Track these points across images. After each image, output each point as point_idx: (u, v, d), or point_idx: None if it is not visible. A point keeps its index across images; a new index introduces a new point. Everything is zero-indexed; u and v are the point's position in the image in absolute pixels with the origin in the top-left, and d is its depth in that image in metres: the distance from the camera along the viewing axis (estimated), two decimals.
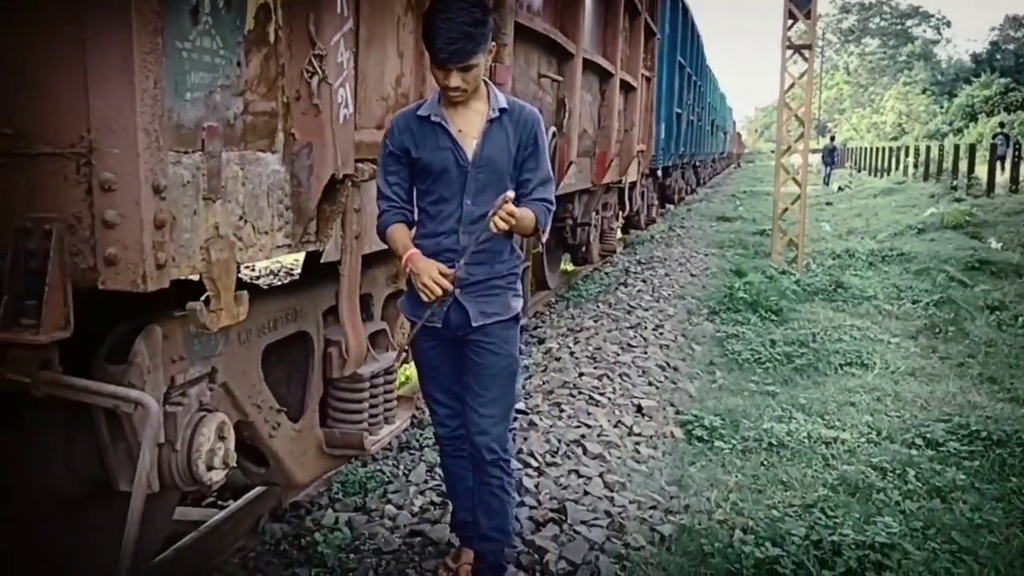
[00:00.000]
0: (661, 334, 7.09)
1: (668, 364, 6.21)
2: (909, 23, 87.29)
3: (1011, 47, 70.68)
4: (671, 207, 18.90)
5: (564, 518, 3.59)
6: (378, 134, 2.97)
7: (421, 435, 4.46)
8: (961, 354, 6.92)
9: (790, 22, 10.71)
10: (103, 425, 2.32)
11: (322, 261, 2.94)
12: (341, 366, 3.14)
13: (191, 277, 2.16)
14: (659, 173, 13.88)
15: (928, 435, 4.79)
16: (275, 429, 2.88)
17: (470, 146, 2.73)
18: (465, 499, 3.14)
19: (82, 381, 2.03)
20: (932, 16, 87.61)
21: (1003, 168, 22.78)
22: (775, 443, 4.64)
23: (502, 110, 2.76)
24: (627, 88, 8.55)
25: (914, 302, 8.64)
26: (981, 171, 22.33)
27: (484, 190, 2.73)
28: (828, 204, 23.03)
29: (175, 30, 2.01)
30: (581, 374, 5.60)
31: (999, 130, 29.32)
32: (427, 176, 2.76)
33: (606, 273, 10.21)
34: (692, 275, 10.32)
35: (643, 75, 9.45)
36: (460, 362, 2.96)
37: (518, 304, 2.92)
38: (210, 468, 2.44)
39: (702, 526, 3.65)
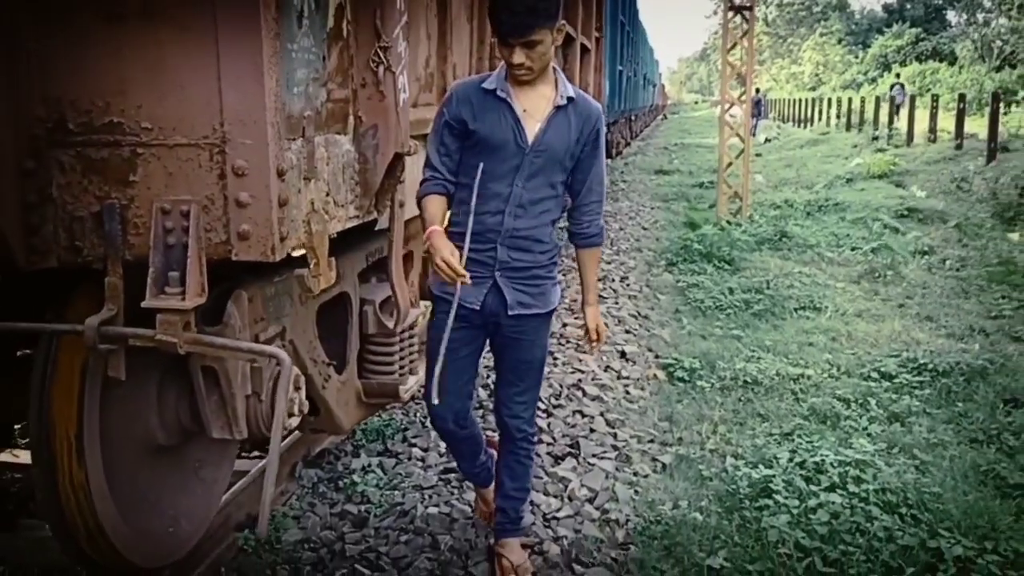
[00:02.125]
0: (628, 285, 7.54)
1: (639, 313, 6.67)
2: None
3: None
4: (609, 161, 19.32)
5: (578, 452, 4.01)
6: (415, 111, 3.27)
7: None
8: (900, 296, 7.55)
9: None
10: (199, 378, 2.62)
11: (376, 229, 3.25)
12: (376, 323, 3.46)
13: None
14: None
15: (882, 369, 5.36)
16: (326, 381, 3.19)
17: (532, 128, 2.68)
18: (471, 460, 3.22)
19: (221, 339, 2.32)
20: None
21: (898, 116, 24.71)
22: (749, 381, 5.13)
23: (569, 99, 2.71)
24: (583, 50, 8.87)
25: (853, 249, 9.27)
26: (899, 121, 23.38)
27: (537, 175, 2.70)
28: (758, 155, 23.62)
29: (287, 33, 2.30)
30: (564, 324, 6.01)
31: (896, 81, 31.67)
32: (480, 151, 2.71)
33: (563, 228, 10.55)
34: (644, 228, 10.80)
35: (595, 37, 9.77)
36: (478, 353, 2.97)
37: (557, 296, 2.92)
38: (289, 416, 2.77)
39: (696, 455, 4.11)
